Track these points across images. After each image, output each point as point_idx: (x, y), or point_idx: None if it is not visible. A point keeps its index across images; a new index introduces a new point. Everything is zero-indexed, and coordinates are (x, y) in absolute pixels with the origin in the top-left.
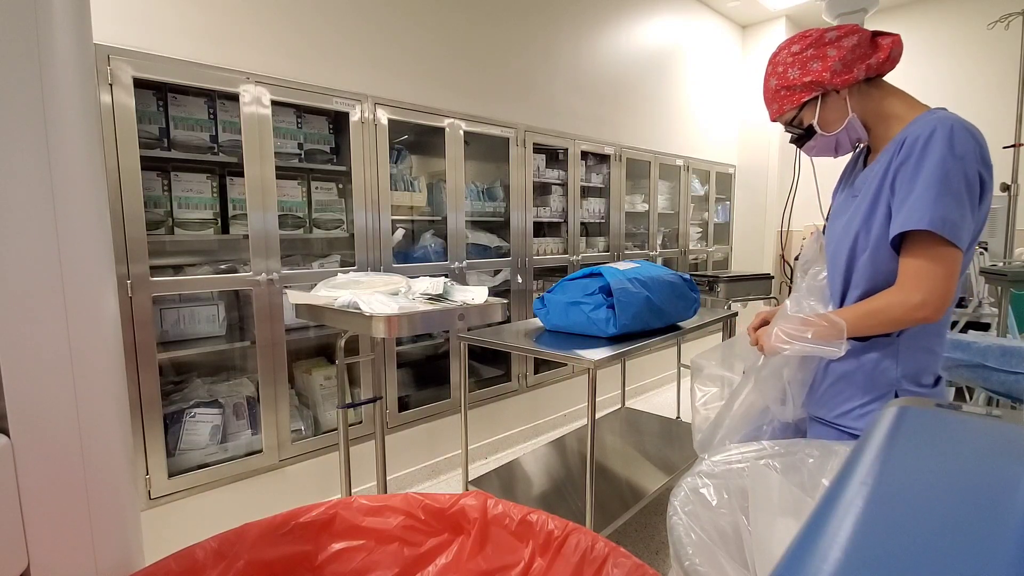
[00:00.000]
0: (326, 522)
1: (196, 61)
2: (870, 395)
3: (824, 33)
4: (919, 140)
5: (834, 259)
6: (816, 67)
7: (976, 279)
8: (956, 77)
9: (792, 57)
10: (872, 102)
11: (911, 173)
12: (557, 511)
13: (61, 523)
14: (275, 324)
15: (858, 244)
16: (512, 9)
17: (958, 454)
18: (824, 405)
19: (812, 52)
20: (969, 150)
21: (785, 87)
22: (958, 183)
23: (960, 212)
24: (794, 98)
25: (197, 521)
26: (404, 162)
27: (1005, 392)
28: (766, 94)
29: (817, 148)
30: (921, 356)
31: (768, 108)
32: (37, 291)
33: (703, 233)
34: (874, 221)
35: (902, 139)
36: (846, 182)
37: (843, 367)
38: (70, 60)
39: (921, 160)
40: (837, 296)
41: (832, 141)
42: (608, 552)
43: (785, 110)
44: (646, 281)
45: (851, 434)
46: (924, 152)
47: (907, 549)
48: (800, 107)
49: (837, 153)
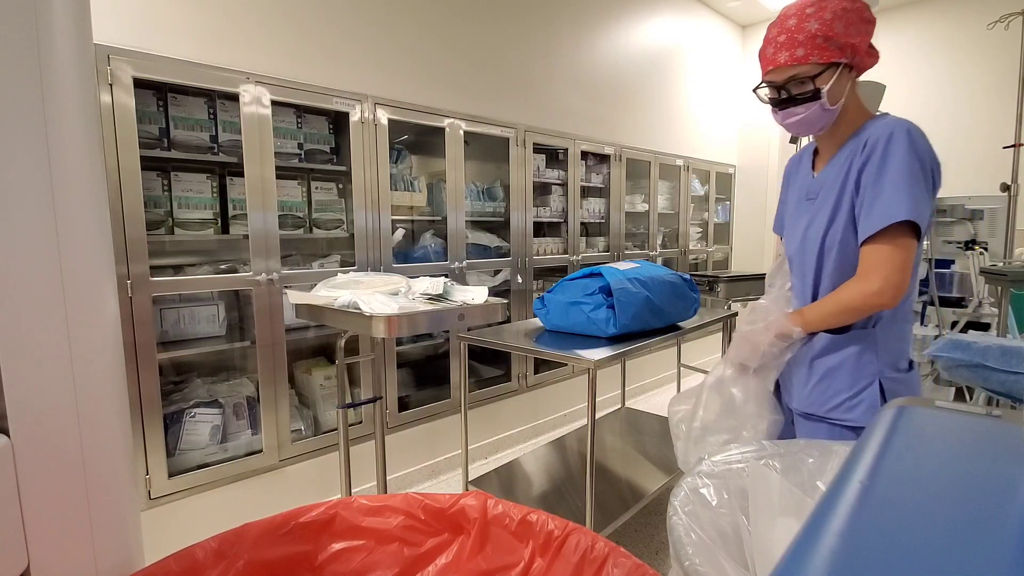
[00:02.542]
0: (326, 522)
1: (196, 61)
2: (857, 386)
3: (866, 8)
4: (879, 141)
5: (800, 263)
6: (858, 37)
7: (976, 279)
8: (956, 77)
9: (843, 12)
10: (852, 96)
11: (876, 172)
12: (557, 511)
13: (61, 523)
14: (275, 324)
15: (825, 244)
16: (512, 9)
17: (958, 454)
18: (815, 401)
19: (858, 20)
20: (925, 149)
21: (827, 37)
22: (923, 177)
23: (926, 204)
24: (829, 53)
25: (197, 521)
26: (404, 162)
27: (1005, 392)
28: (794, 35)
29: (803, 119)
30: (895, 344)
31: (784, 51)
32: (37, 291)
33: (703, 233)
34: (839, 221)
35: (862, 141)
36: (795, 184)
37: (829, 363)
38: (70, 60)
39: (885, 159)
40: (808, 298)
41: (820, 117)
42: (608, 552)
43: (810, 60)
44: (646, 281)
45: (843, 426)
46: (887, 151)
47: (907, 549)
48: (827, 66)
49: (807, 131)
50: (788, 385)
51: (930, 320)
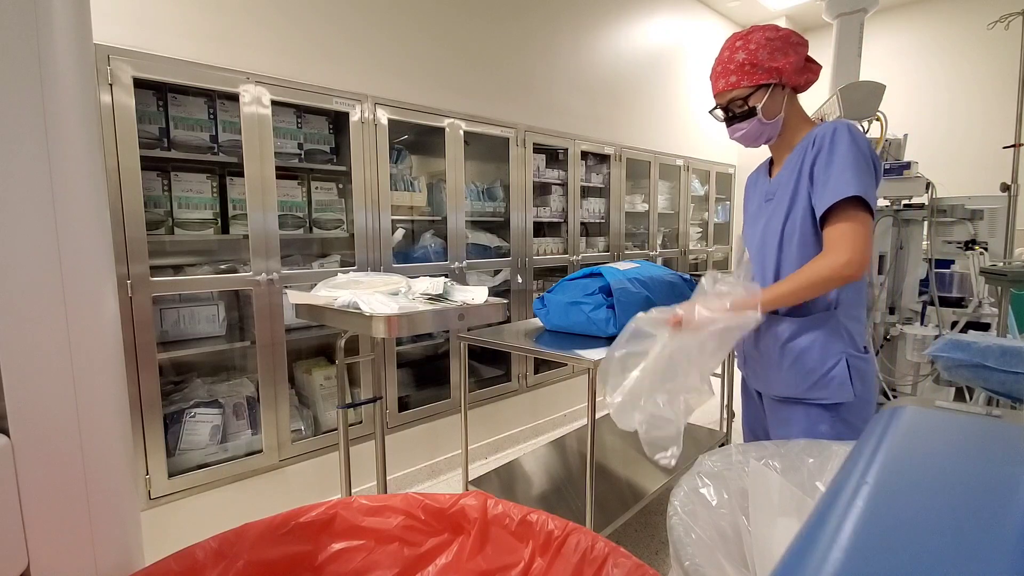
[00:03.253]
0: (326, 522)
1: (196, 61)
2: (827, 364)
3: (792, 34)
4: (825, 136)
5: (760, 255)
6: (782, 60)
7: (976, 279)
8: (956, 77)
9: (767, 42)
10: (792, 109)
11: (826, 160)
12: (557, 511)
13: (61, 523)
14: (275, 324)
15: (784, 234)
16: (512, 9)
17: (958, 454)
18: (789, 384)
19: (782, 45)
20: (865, 142)
21: (752, 64)
22: (866, 163)
23: (872, 185)
24: (756, 77)
25: (197, 521)
26: (404, 162)
27: (1005, 392)
28: (727, 65)
29: (746, 132)
30: (855, 326)
31: (722, 79)
32: (37, 291)
33: (703, 233)
34: (796, 211)
35: (810, 139)
36: (754, 193)
37: (800, 345)
38: (70, 60)
39: (832, 149)
40: (769, 284)
41: (761, 130)
42: (608, 552)
43: (742, 84)
44: (646, 281)
45: (818, 404)
46: (833, 143)
47: (907, 549)
48: (756, 88)
49: (754, 143)
50: (760, 372)
51: (930, 320)
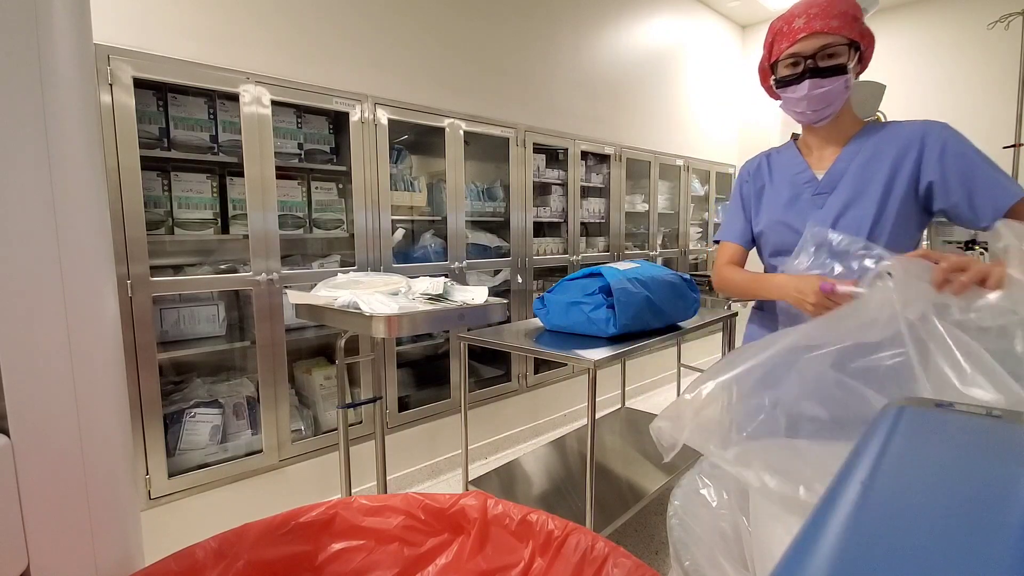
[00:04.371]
0: (326, 522)
1: (196, 61)
2: None
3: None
4: (940, 132)
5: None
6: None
7: None
8: (956, 77)
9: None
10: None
11: (960, 161)
12: (557, 511)
13: (61, 523)
14: (275, 324)
15: (875, 230)
16: (512, 9)
17: (958, 454)
18: None
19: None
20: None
21: (855, 17)
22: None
23: None
24: (855, 32)
25: (197, 521)
26: (404, 162)
27: None
28: (828, 8)
29: (828, 91)
30: None
31: (820, 20)
32: (37, 291)
33: (703, 233)
34: (890, 207)
35: (913, 136)
36: (786, 186)
37: None
38: (70, 60)
39: (960, 148)
40: None
41: (841, 95)
42: (608, 552)
43: (843, 32)
44: (646, 281)
45: None
46: (959, 141)
47: (907, 549)
48: (851, 44)
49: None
50: None
51: None
